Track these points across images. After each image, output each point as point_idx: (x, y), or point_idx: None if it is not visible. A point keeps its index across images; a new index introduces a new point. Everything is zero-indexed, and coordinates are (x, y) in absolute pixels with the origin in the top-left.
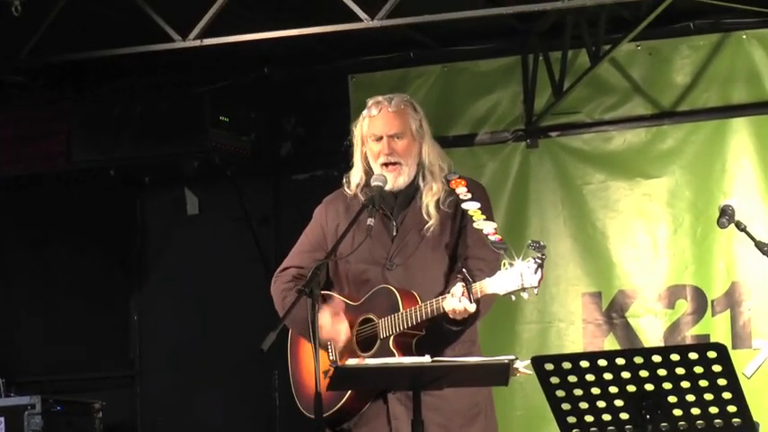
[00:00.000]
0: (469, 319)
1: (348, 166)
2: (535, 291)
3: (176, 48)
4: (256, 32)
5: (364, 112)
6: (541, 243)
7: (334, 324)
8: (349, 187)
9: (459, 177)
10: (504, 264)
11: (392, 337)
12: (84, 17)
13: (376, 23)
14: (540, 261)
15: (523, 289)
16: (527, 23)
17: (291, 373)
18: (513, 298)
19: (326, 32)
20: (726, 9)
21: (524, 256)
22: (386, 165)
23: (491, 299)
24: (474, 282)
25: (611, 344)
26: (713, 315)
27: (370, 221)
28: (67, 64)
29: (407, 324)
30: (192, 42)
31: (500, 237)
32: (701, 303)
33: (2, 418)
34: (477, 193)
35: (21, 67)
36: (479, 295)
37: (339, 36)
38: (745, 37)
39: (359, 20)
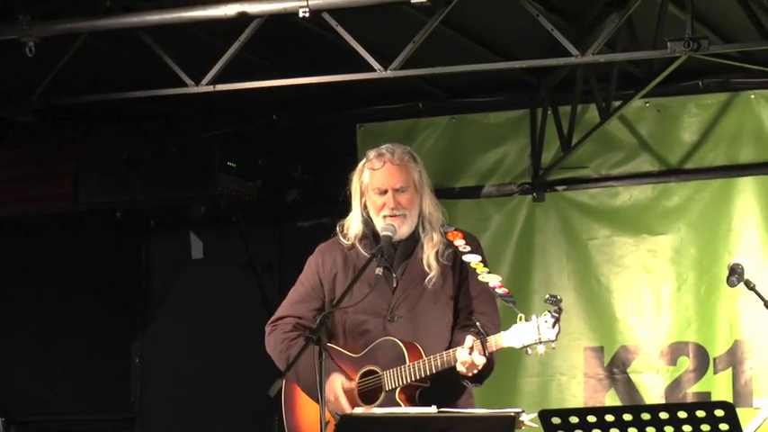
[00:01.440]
0: (485, 373)
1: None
2: (552, 345)
3: (189, 93)
4: (268, 80)
5: (366, 163)
6: (558, 297)
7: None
8: (346, 237)
9: (455, 230)
10: (521, 317)
11: (398, 389)
12: (98, 59)
13: (389, 74)
14: (557, 315)
15: (540, 342)
16: (537, 77)
17: (287, 424)
18: (530, 351)
19: (338, 81)
20: (735, 69)
21: (539, 307)
22: (389, 216)
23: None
24: (487, 335)
25: (612, 399)
26: (715, 373)
27: (379, 272)
28: (78, 106)
29: (415, 376)
30: (204, 88)
31: (507, 290)
32: (702, 361)
33: None
34: (474, 245)
35: (32, 109)
36: (494, 348)
37: (349, 85)
38: (753, 97)
39: (372, 70)
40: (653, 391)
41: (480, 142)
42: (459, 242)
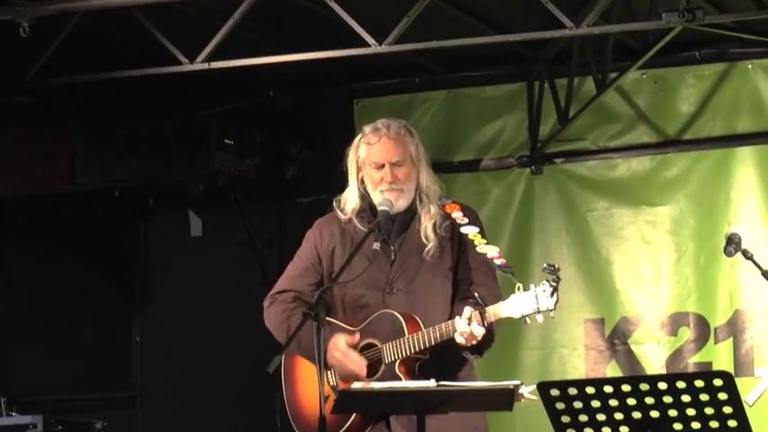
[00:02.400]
0: (486, 344)
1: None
2: (551, 314)
3: (184, 71)
4: (263, 56)
5: (362, 138)
6: (556, 266)
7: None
8: (343, 212)
9: (453, 202)
10: (519, 287)
11: (398, 362)
12: (92, 39)
13: (384, 49)
14: (555, 284)
15: (539, 312)
16: (533, 50)
17: (287, 399)
18: (528, 321)
19: (333, 57)
20: (732, 39)
21: (539, 280)
22: (387, 190)
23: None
24: (486, 306)
25: (613, 370)
26: (716, 343)
27: (376, 246)
28: (74, 85)
29: (414, 348)
30: (199, 66)
31: (505, 260)
32: (703, 331)
33: None
34: (473, 217)
35: (28, 88)
36: (493, 319)
37: (345, 61)
38: (750, 67)
39: (367, 45)
40: (654, 362)
41: (478, 116)
42: (457, 214)
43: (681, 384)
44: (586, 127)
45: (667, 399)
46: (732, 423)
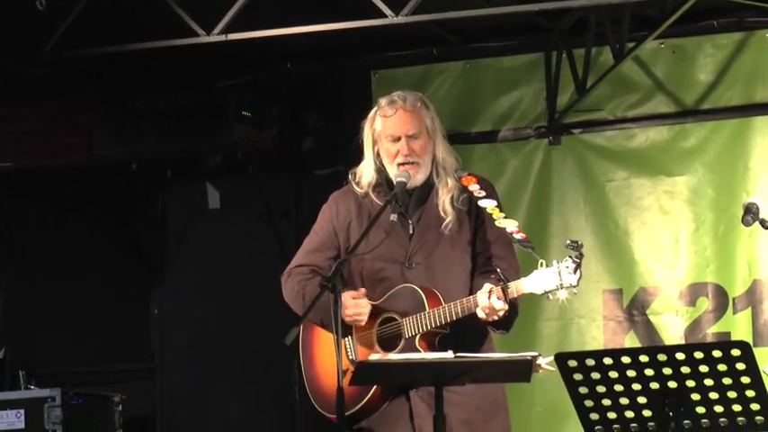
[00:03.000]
0: (510, 319)
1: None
2: (574, 290)
3: (200, 43)
4: (280, 28)
5: (377, 111)
6: (579, 242)
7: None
8: (359, 185)
9: (470, 175)
10: (542, 263)
11: (418, 337)
12: (109, 11)
13: (400, 20)
14: (578, 260)
15: (561, 288)
16: (550, 20)
17: (306, 374)
18: (551, 297)
19: (350, 28)
20: (750, 7)
21: (557, 250)
22: (403, 164)
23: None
24: (508, 281)
25: (631, 341)
26: (734, 313)
27: (393, 217)
28: (91, 57)
29: (435, 323)
30: (216, 37)
31: (524, 235)
32: (722, 301)
33: (22, 411)
34: (490, 190)
35: (45, 61)
36: (516, 295)
37: (362, 32)
38: None
39: (383, 16)
40: (672, 333)
41: (495, 87)
42: (474, 187)
43: (698, 355)
44: (604, 97)
45: (685, 369)
46: (750, 393)
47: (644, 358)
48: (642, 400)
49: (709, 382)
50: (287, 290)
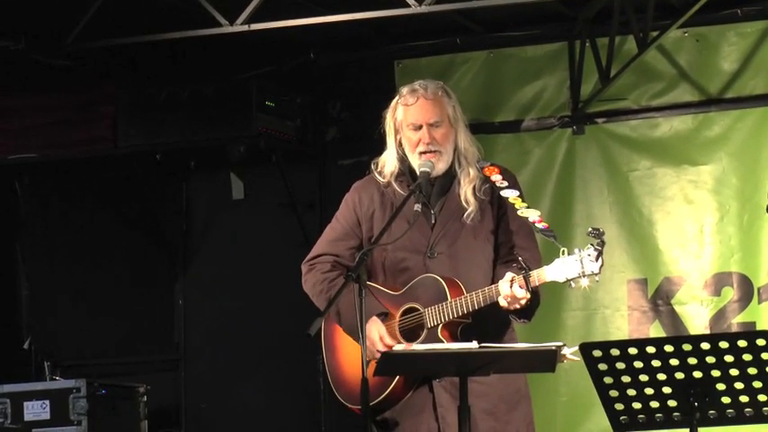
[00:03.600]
0: (532, 308)
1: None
2: (596, 278)
3: (224, 33)
4: (303, 17)
5: (399, 100)
6: (601, 230)
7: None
8: (382, 174)
9: (492, 165)
10: (564, 251)
11: (440, 327)
12: (131, 2)
13: (423, 9)
14: (600, 248)
15: (583, 275)
16: (574, 9)
17: (328, 366)
18: (573, 285)
19: (373, 18)
20: None
21: (581, 239)
22: (425, 152)
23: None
24: (530, 270)
25: (656, 331)
26: (759, 302)
27: (418, 207)
28: (114, 48)
29: (457, 313)
30: (239, 27)
31: (547, 224)
32: (747, 291)
33: (47, 402)
34: (512, 180)
35: (68, 52)
36: (537, 283)
37: (386, 22)
38: None
39: (406, 5)
40: (697, 323)
41: (518, 76)
42: (496, 177)
43: (723, 344)
44: (628, 86)
45: (710, 359)
46: None
47: (669, 348)
48: (667, 390)
49: (734, 371)
50: (307, 283)
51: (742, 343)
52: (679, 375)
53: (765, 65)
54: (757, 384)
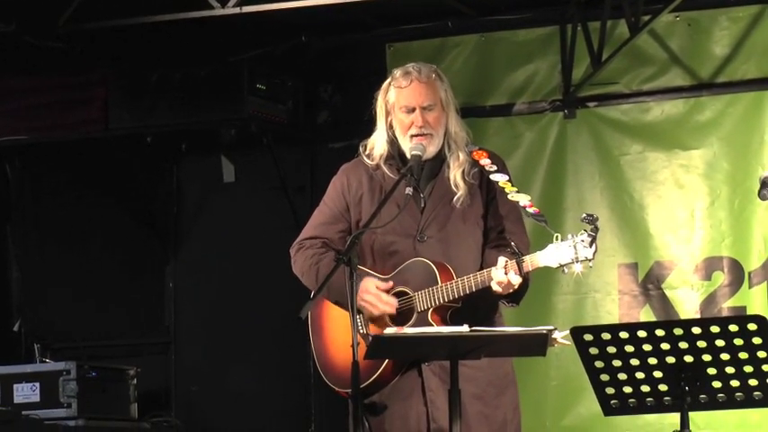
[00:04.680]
0: (521, 293)
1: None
2: (590, 264)
3: (215, 15)
4: (295, 1)
5: (392, 82)
6: (594, 216)
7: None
8: (371, 157)
9: (480, 149)
10: (557, 237)
11: (431, 311)
12: None
13: None
14: (593, 234)
15: (577, 261)
16: None
17: (315, 350)
18: (566, 271)
19: (365, 1)
20: None
21: (572, 223)
22: (417, 135)
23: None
24: (522, 255)
25: (647, 315)
26: (750, 287)
27: (409, 191)
28: (106, 30)
29: (449, 297)
30: (230, 10)
31: (537, 209)
32: (737, 275)
33: (37, 384)
34: (500, 165)
35: (59, 34)
36: (531, 268)
37: (377, 5)
38: None
39: None
40: (688, 307)
41: (510, 60)
42: (485, 161)
43: (715, 329)
44: (619, 70)
45: (701, 343)
46: (766, 367)
47: (660, 332)
48: (658, 374)
49: (725, 356)
50: (297, 262)
51: (733, 327)
52: (670, 359)
53: (757, 49)
54: (748, 369)
